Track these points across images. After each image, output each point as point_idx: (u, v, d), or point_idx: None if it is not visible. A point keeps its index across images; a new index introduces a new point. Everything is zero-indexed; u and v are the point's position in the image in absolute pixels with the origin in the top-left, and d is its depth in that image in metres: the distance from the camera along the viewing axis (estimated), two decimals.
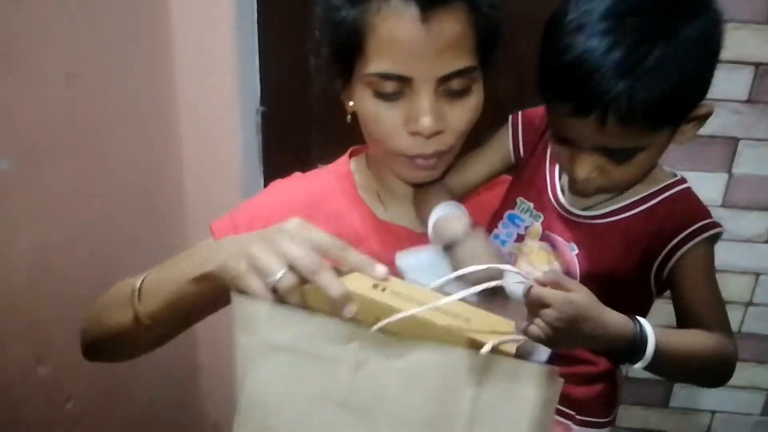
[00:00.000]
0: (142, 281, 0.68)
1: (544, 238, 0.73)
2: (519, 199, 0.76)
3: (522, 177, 0.78)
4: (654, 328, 0.59)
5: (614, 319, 0.58)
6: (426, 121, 0.66)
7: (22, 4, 0.83)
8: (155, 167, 1.31)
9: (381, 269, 0.54)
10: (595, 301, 0.56)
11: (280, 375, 0.53)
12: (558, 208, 0.73)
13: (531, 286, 0.54)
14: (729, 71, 1.29)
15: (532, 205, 0.75)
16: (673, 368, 0.65)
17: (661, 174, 0.71)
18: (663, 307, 0.72)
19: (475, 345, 0.48)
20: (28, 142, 0.86)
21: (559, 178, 0.75)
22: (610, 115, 0.59)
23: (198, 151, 1.41)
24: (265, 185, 0.91)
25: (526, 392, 0.48)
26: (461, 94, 0.69)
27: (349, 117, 0.76)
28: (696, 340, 0.65)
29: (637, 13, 0.58)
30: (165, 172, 1.36)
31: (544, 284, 0.54)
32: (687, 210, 0.68)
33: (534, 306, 0.54)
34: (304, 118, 1.46)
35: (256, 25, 1.39)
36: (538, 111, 0.77)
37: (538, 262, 0.73)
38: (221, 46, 1.30)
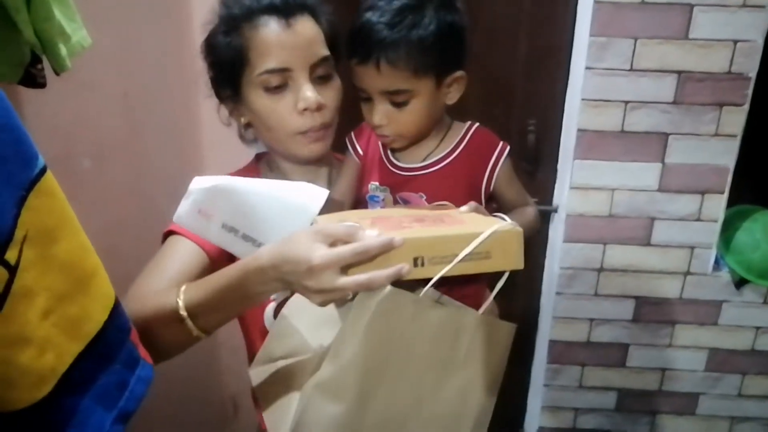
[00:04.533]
0: (185, 304, 0.74)
1: (397, 200, 0.93)
2: (370, 184, 0.96)
3: (366, 168, 0.98)
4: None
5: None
6: (310, 96, 0.87)
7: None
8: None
9: (398, 239, 0.66)
10: None
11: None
12: (398, 171, 0.93)
13: None
14: (657, 78, 1.52)
15: (377, 183, 0.95)
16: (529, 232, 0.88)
17: (459, 127, 0.94)
18: None
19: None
20: (99, 145, 1.09)
21: (390, 152, 0.95)
22: (382, 60, 0.81)
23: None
24: None
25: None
26: (327, 78, 0.91)
27: (243, 129, 0.95)
28: (525, 215, 0.93)
29: None
30: None
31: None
32: (486, 142, 0.93)
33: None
34: None
35: None
36: (360, 126, 0.99)
37: None
38: None
